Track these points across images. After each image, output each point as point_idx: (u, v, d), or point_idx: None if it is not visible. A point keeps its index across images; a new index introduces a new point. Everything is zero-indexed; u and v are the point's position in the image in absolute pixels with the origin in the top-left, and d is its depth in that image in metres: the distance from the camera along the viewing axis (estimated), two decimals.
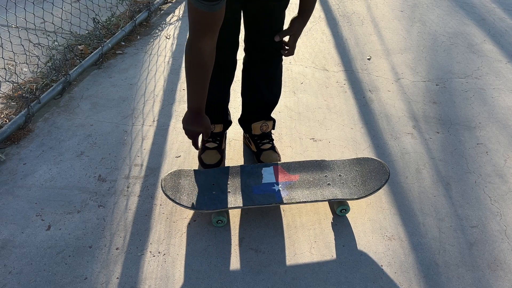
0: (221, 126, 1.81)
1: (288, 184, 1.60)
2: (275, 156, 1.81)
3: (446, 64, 2.63)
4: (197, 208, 1.51)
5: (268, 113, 1.81)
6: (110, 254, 1.49)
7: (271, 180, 1.62)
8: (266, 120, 1.82)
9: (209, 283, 1.41)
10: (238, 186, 1.59)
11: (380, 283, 1.43)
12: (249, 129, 1.85)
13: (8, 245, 1.51)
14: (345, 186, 1.60)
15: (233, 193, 1.56)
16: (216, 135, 1.83)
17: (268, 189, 1.58)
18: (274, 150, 1.83)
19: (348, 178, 1.63)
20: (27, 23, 2.67)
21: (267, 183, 1.61)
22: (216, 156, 1.80)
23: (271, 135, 1.87)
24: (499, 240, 1.58)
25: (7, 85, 2.27)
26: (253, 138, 1.85)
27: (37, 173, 1.79)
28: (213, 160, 1.79)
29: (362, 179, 1.62)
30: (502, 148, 2.00)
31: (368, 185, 1.59)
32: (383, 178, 1.60)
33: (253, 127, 1.83)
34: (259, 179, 1.62)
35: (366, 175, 1.63)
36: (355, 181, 1.62)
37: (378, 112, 2.21)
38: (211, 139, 1.82)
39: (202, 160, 1.80)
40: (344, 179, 1.63)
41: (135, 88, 2.34)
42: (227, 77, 1.67)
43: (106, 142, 1.97)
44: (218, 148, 1.82)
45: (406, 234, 1.59)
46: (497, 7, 3.39)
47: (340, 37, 2.90)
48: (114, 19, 2.91)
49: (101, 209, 1.65)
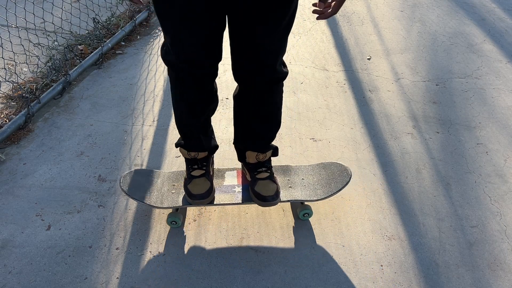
0: (206, 153, 1.57)
1: (247, 187, 1.59)
2: (273, 187, 1.51)
3: (446, 64, 2.63)
4: (152, 204, 1.50)
5: (264, 148, 1.55)
6: (110, 254, 1.49)
7: (233, 183, 1.61)
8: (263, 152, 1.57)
9: (209, 283, 1.41)
10: None
11: (380, 283, 1.43)
12: (243, 157, 1.59)
13: (8, 245, 1.51)
14: (306, 188, 1.60)
15: None
16: (202, 160, 1.57)
17: (228, 190, 1.58)
18: (272, 180, 1.54)
19: (310, 181, 1.63)
20: (27, 23, 2.68)
21: (228, 185, 1.60)
22: (205, 185, 1.51)
23: (270, 161, 1.61)
24: (499, 240, 1.58)
25: (7, 85, 2.27)
26: (247, 166, 1.59)
27: (37, 173, 1.79)
28: (202, 189, 1.50)
29: (324, 182, 1.62)
30: (502, 148, 2.00)
31: (328, 187, 1.59)
32: (344, 180, 1.60)
33: (247, 155, 1.57)
34: (221, 181, 1.62)
35: (328, 178, 1.63)
36: (317, 184, 1.62)
37: (378, 112, 2.21)
38: (196, 166, 1.56)
39: (189, 190, 1.50)
40: (306, 182, 1.62)
41: (135, 88, 2.34)
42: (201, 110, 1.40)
43: (106, 142, 1.97)
44: (206, 175, 1.55)
45: (406, 234, 1.59)
46: (497, 7, 3.39)
47: (340, 37, 2.90)
48: (114, 19, 2.91)
49: (101, 209, 1.65)
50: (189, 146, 1.53)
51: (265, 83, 1.32)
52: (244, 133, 1.51)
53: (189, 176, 1.55)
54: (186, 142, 1.52)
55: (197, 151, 1.53)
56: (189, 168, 1.56)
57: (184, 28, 1.17)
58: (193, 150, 1.53)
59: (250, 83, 1.33)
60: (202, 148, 1.53)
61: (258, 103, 1.39)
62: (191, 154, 1.55)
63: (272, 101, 1.41)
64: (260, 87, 1.33)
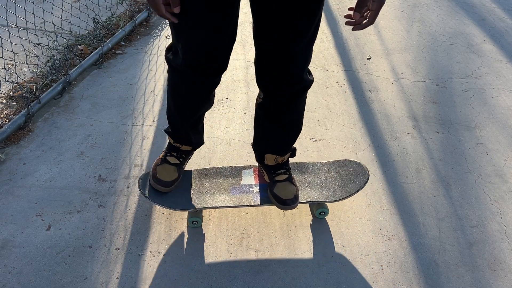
0: (190, 148, 1.58)
1: (267, 186, 1.60)
2: (292, 189, 1.51)
3: (446, 64, 2.63)
4: (173, 207, 1.50)
5: (284, 152, 1.55)
6: (110, 254, 1.49)
7: (250, 182, 1.61)
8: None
9: (209, 283, 1.41)
10: (217, 187, 1.58)
11: (380, 283, 1.43)
12: (262, 159, 1.59)
13: (8, 245, 1.51)
14: (324, 188, 1.60)
15: (211, 194, 1.56)
16: (182, 152, 1.58)
17: (246, 190, 1.57)
18: (291, 182, 1.54)
19: (327, 180, 1.63)
20: (27, 23, 2.68)
21: (245, 185, 1.60)
22: (173, 174, 1.52)
23: (288, 163, 1.61)
24: (499, 240, 1.58)
25: (7, 85, 2.27)
26: (266, 168, 1.60)
27: (37, 173, 1.79)
28: (168, 178, 1.50)
29: (341, 182, 1.62)
30: (502, 148, 2.00)
31: (346, 187, 1.59)
32: (362, 180, 1.60)
33: (266, 157, 1.57)
34: (238, 180, 1.61)
35: (345, 177, 1.63)
36: (334, 183, 1.61)
37: (378, 112, 2.21)
38: (174, 153, 1.57)
39: (155, 172, 1.51)
40: (323, 181, 1.62)
41: (135, 88, 2.34)
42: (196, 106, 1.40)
43: (106, 142, 1.97)
44: (179, 166, 1.56)
45: (406, 234, 1.59)
46: (497, 7, 3.39)
47: (340, 37, 2.90)
48: (114, 19, 2.91)
49: (101, 209, 1.65)
50: (175, 137, 1.54)
51: (291, 93, 1.32)
52: (265, 138, 1.52)
53: (163, 159, 1.56)
54: (173, 132, 1.53)
55: (182, 144, 1.55)
56: (167, 152, 1.58)
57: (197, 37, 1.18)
58: (178, 142, 1.55)
59: (276, 92, 1.32)
60: (188, 143, 1.55)
61: (282, 111, 1.39)
62: (175, 143, 1.57)
63: (296, 109, 1.41)
64: (285, 96, 1.33)
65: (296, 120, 1.45)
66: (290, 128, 1.47)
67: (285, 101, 1.35)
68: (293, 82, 1.29)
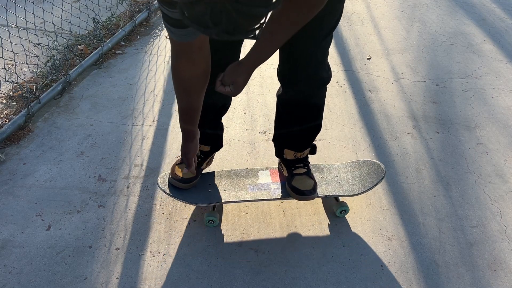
0: (208, 147, 1.62)
1: (284, 184, 1.61)
2: (310, 182, 1.53)
3: (446, 64, 2.62)
4: (193, 202, 1.51)
5: (303, 148, 1.58)
6: (110, 254, 1.49)
7: (268, 181, 1.62)
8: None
9: (209, 283, 1.41)
10: (235, 186, 1.59)
11: (380, 283, 1.43)
12: (281, 153, 1.62)
13: (8, 245, 1.51)
14: (341, 184, 1.61)
15: (229, 190, 1.57)
16: (200, 152, 1.62)
17: (264, 188, 1.59)
18: (309, 176, 1.56)
19: (344, 178, 1.64)
20: (27, 23, 2.67)
21: (263, 183, 1.61)
22: (190, 173, 1.56)
23: (308, 158, 1.63)
24: (499, 240, 1.58)
25: (7, 85, 2.27)
26: (285, 161, 1.62)
27: (37, 173, 1.79)
28: (185, 175, 1.55)
29: (358, 179, 1.62)
30: (502, 148, 2.00)
31: (364, 183, 1.60)
32: (379, 175, 1.60)
33: (285, 152, 1.59)
34: (255, 180, 1.62)
35: (362, 174, 1.64)
36: (351, 180, 1.62)
37: (378, 112, 2.21)
38: None
39: (174, 170, 1.56)
40: (340, 179, 1.63)
41: (135, 88, 2.34)
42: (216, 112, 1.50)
43: (106, 142, 1.97)
44: (197, 165, 1.60)
45: (406, 234, 1.59)
46: (497, 7, 3.39)
47: (340, 37, 2.90)
48: (114, 19, 2.91)
49: (101, 209, 1.65)
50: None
51: (310, 87, 1.38)
52: (284, 133, 1.55)
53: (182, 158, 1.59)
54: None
55: (200, 144, 1.57)
56: None
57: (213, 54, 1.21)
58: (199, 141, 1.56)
59: (295, 86, 1.38)
60: (206, 142, 1.59)
61: (301, 106, 1.44)
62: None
63: (315, 104, 1.45)
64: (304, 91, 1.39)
65: (314, 116, 1.49)
66: (307, 122, 1.49)
67: (303, 96, 1.40)
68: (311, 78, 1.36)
